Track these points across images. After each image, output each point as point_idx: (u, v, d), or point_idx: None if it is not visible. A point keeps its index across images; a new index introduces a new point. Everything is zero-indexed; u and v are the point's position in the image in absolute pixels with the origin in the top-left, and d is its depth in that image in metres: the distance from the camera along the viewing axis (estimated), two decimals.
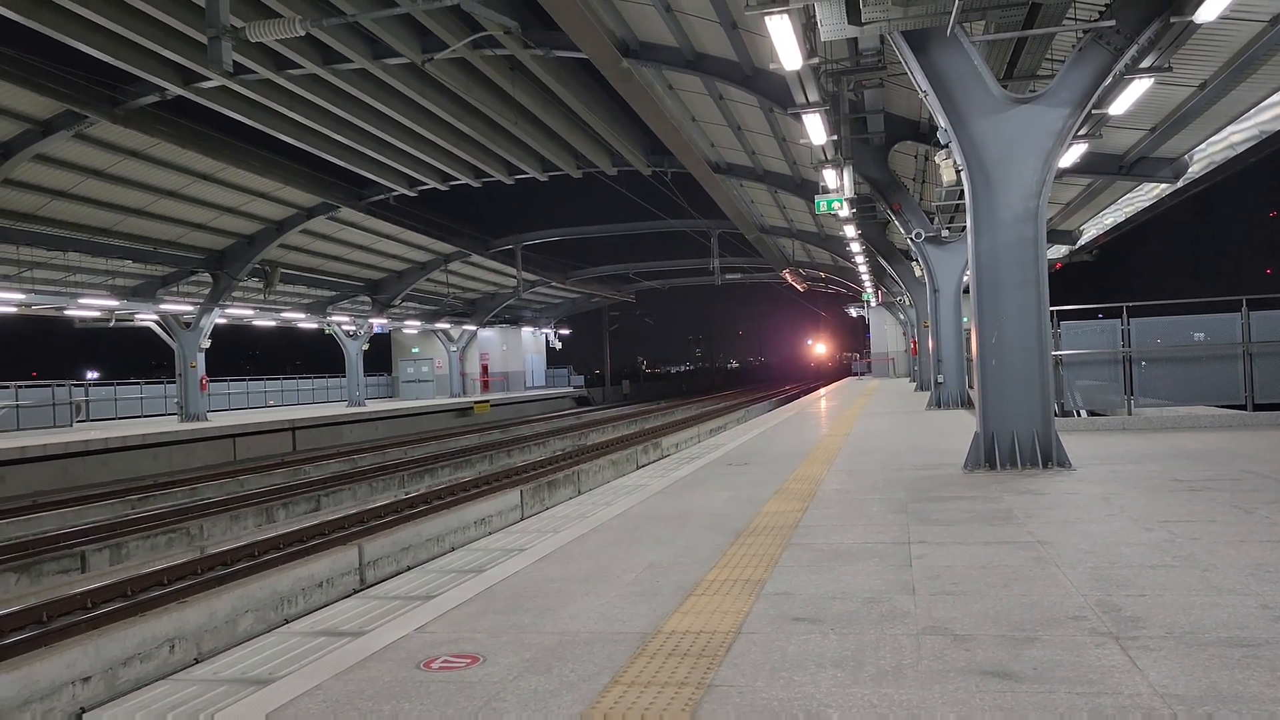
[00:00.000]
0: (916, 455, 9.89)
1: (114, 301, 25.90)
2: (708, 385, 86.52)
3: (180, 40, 16.49)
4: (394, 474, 21.18)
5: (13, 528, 15.68)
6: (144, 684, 8.69)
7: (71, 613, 10.41)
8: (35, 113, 18.80)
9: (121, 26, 15.42)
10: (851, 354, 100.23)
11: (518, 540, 6.03)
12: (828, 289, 53.03)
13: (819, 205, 15.24)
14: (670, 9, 15.26)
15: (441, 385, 46.98)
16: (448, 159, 25.91)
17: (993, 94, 8.15)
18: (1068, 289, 25.78)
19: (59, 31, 15.33)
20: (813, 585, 4.41)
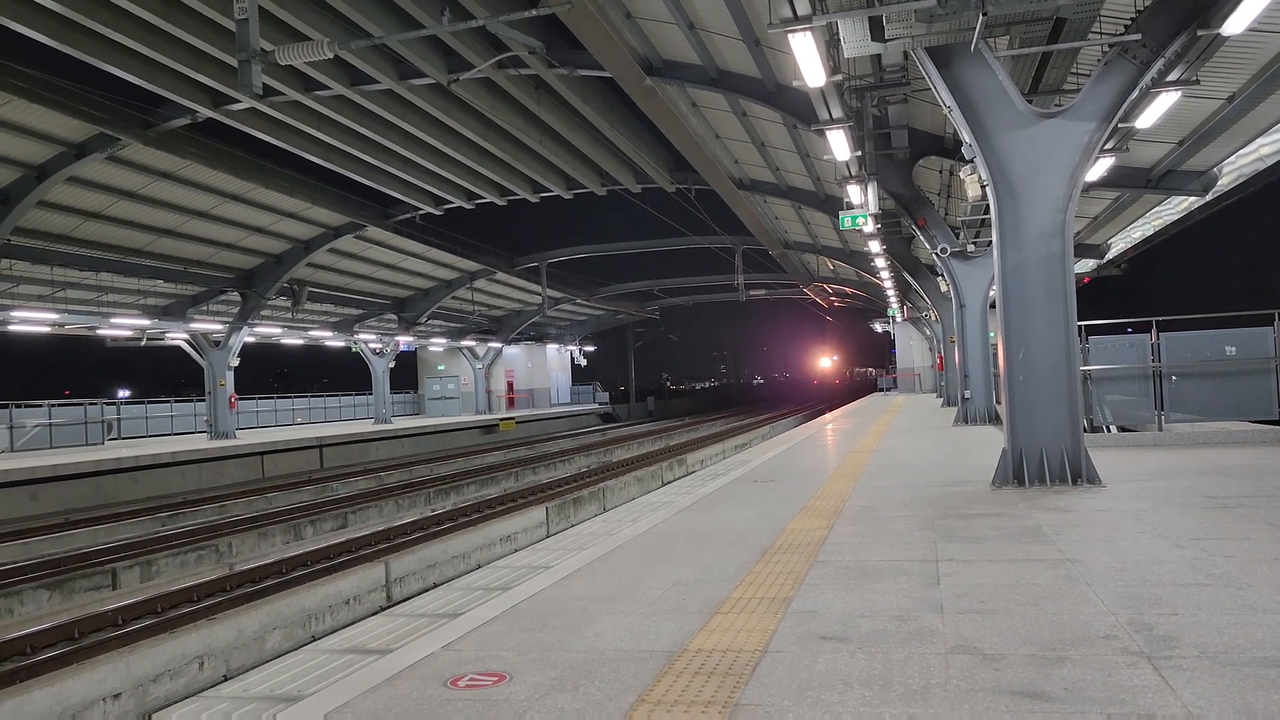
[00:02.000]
0: (943, 472, 9.81)
1: (145, 321, 26.24)
2: (732, 402, 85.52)
3: (211, 63, 16.77)
4: (420, 491, 21.26)
5: (45, 545, 15.87)
6: (173, 701, 8.78)
7: (102, 629, 10.53)
8: (69, 135, 19.14)
9: (153, 50, 15.69)
10: (877, 369, 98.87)
11: (543, 558, 6.04)
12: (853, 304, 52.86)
13: (843, 221, 15.22)
14: (694, 27, 15.33)
15: (467, 402, 47.17)
16: (473, 177, 26.11)
17: (1018, 109, 8.13)
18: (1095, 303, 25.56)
19: (92, 55, 15.63)
20: (840, 603, 4.39)
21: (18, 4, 13.91)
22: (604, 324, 58.23)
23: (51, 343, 29.42)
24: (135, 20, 14.89)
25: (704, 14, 14.89)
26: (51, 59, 16.05)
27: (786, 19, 7.08)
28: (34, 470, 20.16)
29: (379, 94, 18.98)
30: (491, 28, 10.85)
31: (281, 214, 26.07)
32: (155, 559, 13.82)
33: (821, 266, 40.12)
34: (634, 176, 27.45)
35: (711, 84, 17.23)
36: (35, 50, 15.49)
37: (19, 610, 11.72)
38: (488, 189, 27.28)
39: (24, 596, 11.80)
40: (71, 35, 15.05)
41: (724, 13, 14.28)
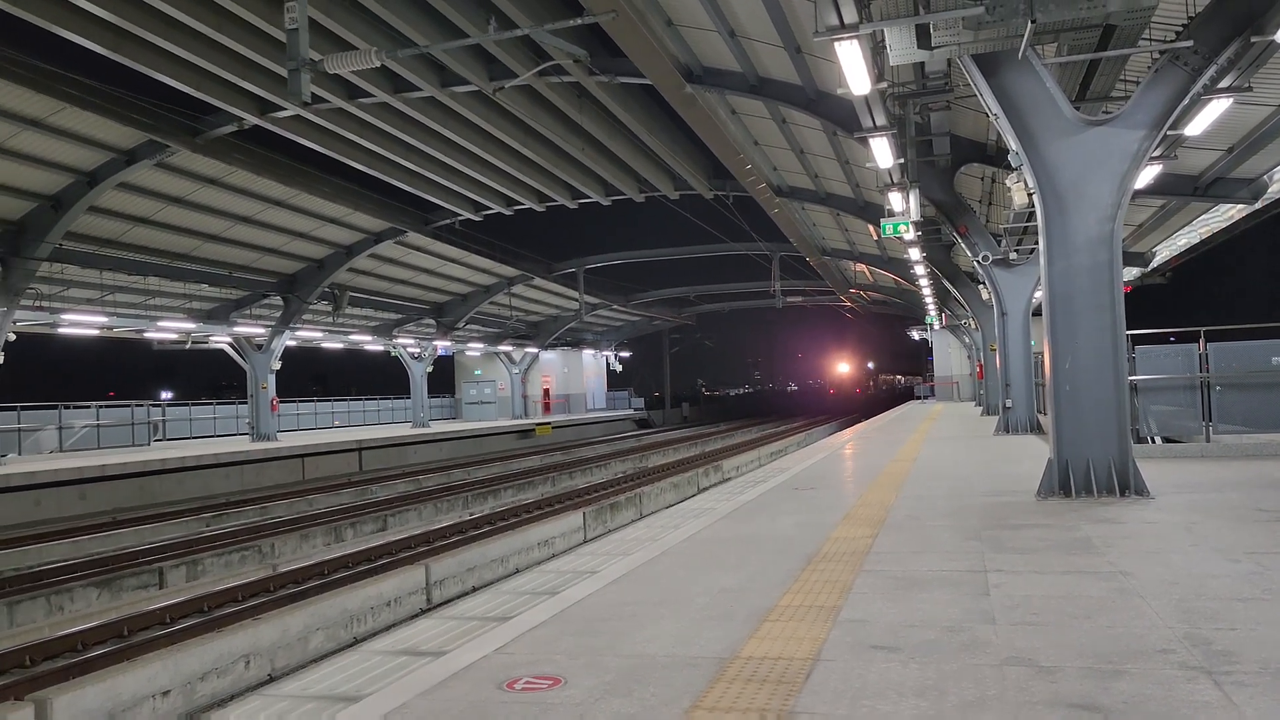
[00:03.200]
0: (987, 481, 9.74)
1: (190, 325, 26.68)
2: (766, 408, 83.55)
3: (258, 72, 17.04)
4: (458, 495, 21.42)
5: (94, 543, 16.19)
6: (220, 699, 8.92)
7: (150, 627, 10.72)
8: (119, 142, 19.52)
9: (203, 59, 15.98)
10: (911, 376, 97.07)
11: (589, 563, 6.08)
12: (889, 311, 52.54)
13: (884, 229, 15.14)
14: (735, 35, 15.35)
15: (504, 407, 47.43)
16: (512, 184, 26.30)
17: (1066, 116, 8.06)
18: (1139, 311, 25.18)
19: (144, 64, 15.95)
20: (889, 613, 4.38)
21: (73, 14, 14.23)
22: (640, 330, 58.31)
23: (97, 344, 30.02)
24: (187, 30, 15.18)
25: (745, 21, 14.91)
26: (103, 67, 16.41)
27: (833, 27, 7.08)
28: (82, 470, 20.55)
29: (421, 101, 19.19)
30: (536, 36, 10.94)
31: (324, 219, 26.41)
32: (200, 559, 14.04)
33: (859, 273, 39.92)
34: (672, 183, 27.50)
35: (751, 91, 17.23)
36: (88, 59, 15.85)
37: (69, 608, 11.96)
38: (527, 195, 27.46)
39: (74, 594, 12.04)
40: (125, 45, 15.37)
41: (765, 20, 14.28)
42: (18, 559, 14.92)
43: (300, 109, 18.02)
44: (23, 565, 14.73)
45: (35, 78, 16.38)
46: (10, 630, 10.89)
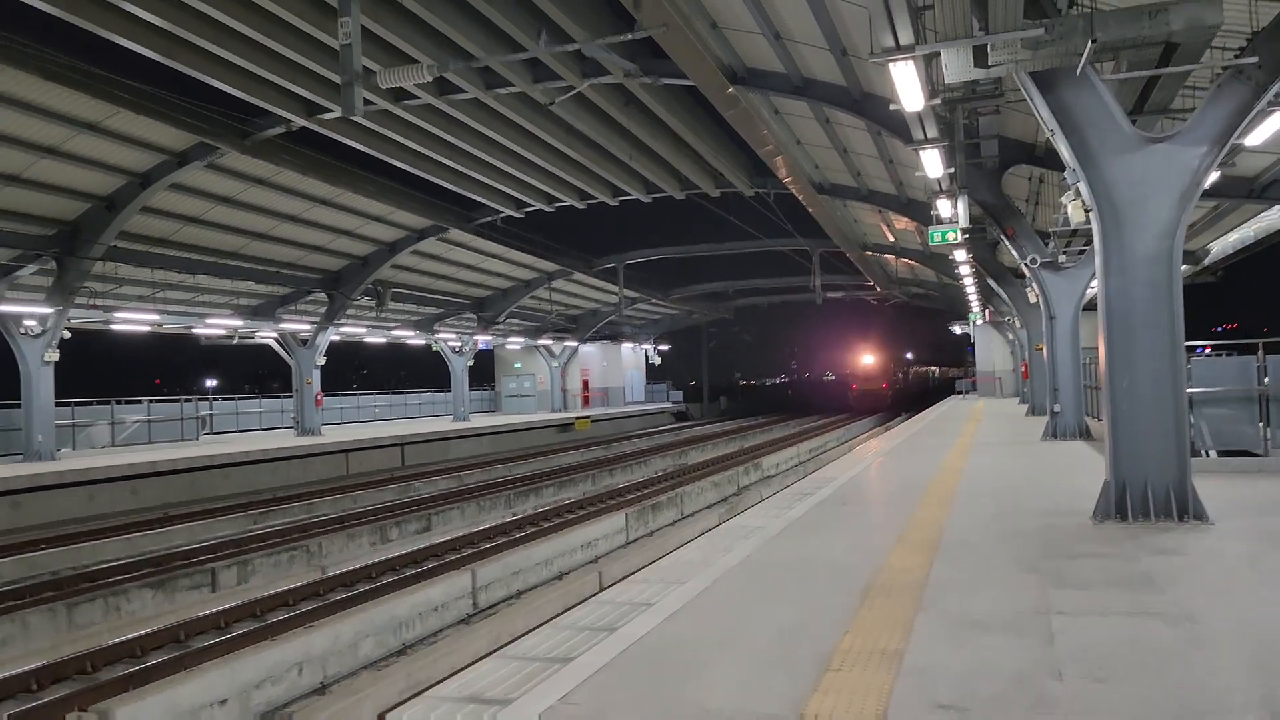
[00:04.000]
0: (1040, 498, 9.63)
1: (238, 321, 27.09)
2: (803, 400, 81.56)
3: (307, 75, 17.22)
4: (500, 493, 21.57)
5: (147, 541, 16.52)
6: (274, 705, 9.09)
7: (206, 632, 10.93)
8: (171, 145, 19.84)
9: (254, 64, 16.17)
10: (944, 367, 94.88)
11: (643, 592, 6.10)
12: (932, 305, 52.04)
13: (932, 237, 14.99)
14: (779, 37, 15.25)
15: (543, 400, 47.67)
16: (554, 182, 26.37)
17: (1124, 132, 7.92)
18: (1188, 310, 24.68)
19: (196, 69, 16.17)
20: (953, 661, 4.36)
21: (128, 21, 14.45)
22: (678, 323, 58.28)
23: (145, 338, 30.53)
24: (238, 36, 15.36)
25: (791, 24, 14.80)
26: (156, 71, 16.65)
27: (889, 48, 7.01)
28: (135, 466, 20.98)
29: (465, 102, 19.28)
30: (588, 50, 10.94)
31: (368, 218, 26.67)
32: (250, 559, 14.28)
33: (901, 269, 39.58)
34: (713, 181, 27.42)
35: (795, 92, 17.11)
36: (141, 63, 16.10)
37: (125, 608, 12.21)
38: (568, 193, 27.52)
39: (130, 595, 12.29)
40: (178, 51, 15.59)
41: (811, 24, 14.17)
42: (73, 557, 15.27)
43: None
44: (79, 564, 15.09)
45: (90, 82, 16.67)
46: (70, 634, 11.15)
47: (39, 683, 9.06)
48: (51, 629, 11.12)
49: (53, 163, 18.94)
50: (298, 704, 8.91)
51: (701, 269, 46.60)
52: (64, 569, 14.62)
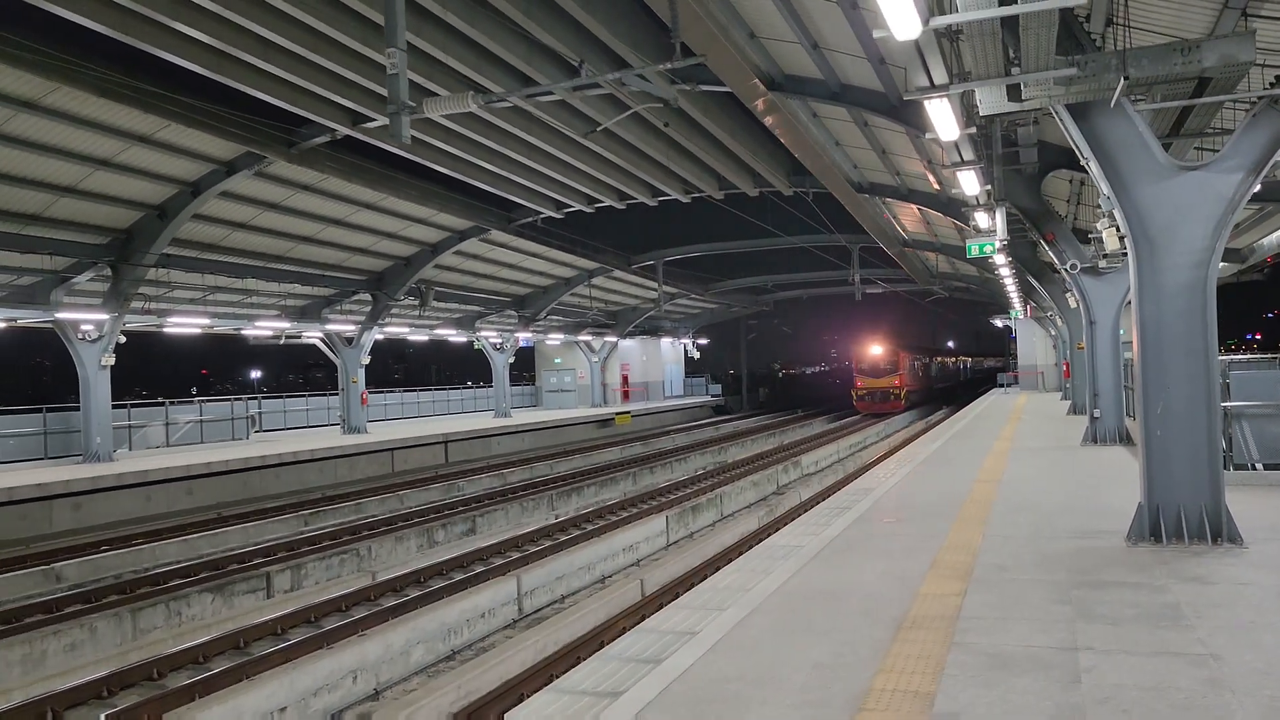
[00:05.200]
0: (1075, 516, 9.75)
1: (286, 323, 27.74)
2: (842, 391, 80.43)
3: (351, 87, 17.61)
4: (542, 493, 21.94)
5: (203, 542, 17.10)
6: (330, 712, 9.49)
7: (263, 638, 11.39)
8: (221, 155, 20.39)
9: (300, 77, 16.59)
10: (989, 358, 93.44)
11: (685, 619, 6.36)
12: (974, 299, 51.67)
13: (970, 249, 15.05)
14: (817, 46, 15.37)
15: (583, 395, 48.11)
16: (593, 183, 26.63)
17: (1158, 161, 8.01)
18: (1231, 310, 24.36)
19: (244, 83, 16.61)
20: (981, 704, 4.57)
21: (179, 39, 14.90)
22: (717, 317, 58.41)
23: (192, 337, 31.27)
24: (285, 52, 15.77)
25: (828, 34, 14.91)
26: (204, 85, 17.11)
27: (923, 88, 7.17)
28: (189, 467, 21.63)
29: (505, 108, 19.58)
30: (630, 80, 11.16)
31: (411, 220, 27.16)
32: (303, 563, 14.75)
33: (941, 264, 39.38)
34: (752, 181, 27.52)
35: (833, 98, 17.21)
36: (191, 78, 16.58)
37: (186, 613, 12.73)
38: (607, 194, 27.78)
39: (190, 600, 12.80)
40: (227, 66, 16.03)
41: (848, 33, 14.26)
42: (134, 559, 15.88)
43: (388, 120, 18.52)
44: (140, 566, 15.69)
45: (144, 98, 17.20)
46: (136, 639, 11.66)
47: (110, 689, 9.55)
48: (118, 634, 11.64)
49: (108, 174, 19.56)
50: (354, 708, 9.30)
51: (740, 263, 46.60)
52: (126, 571, 15.23)
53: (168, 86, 17.56)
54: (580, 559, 14.56)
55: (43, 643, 10.81)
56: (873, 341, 48.87)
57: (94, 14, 13.34)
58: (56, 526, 18.70)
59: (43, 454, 24.20)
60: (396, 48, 9.71)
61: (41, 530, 18.43)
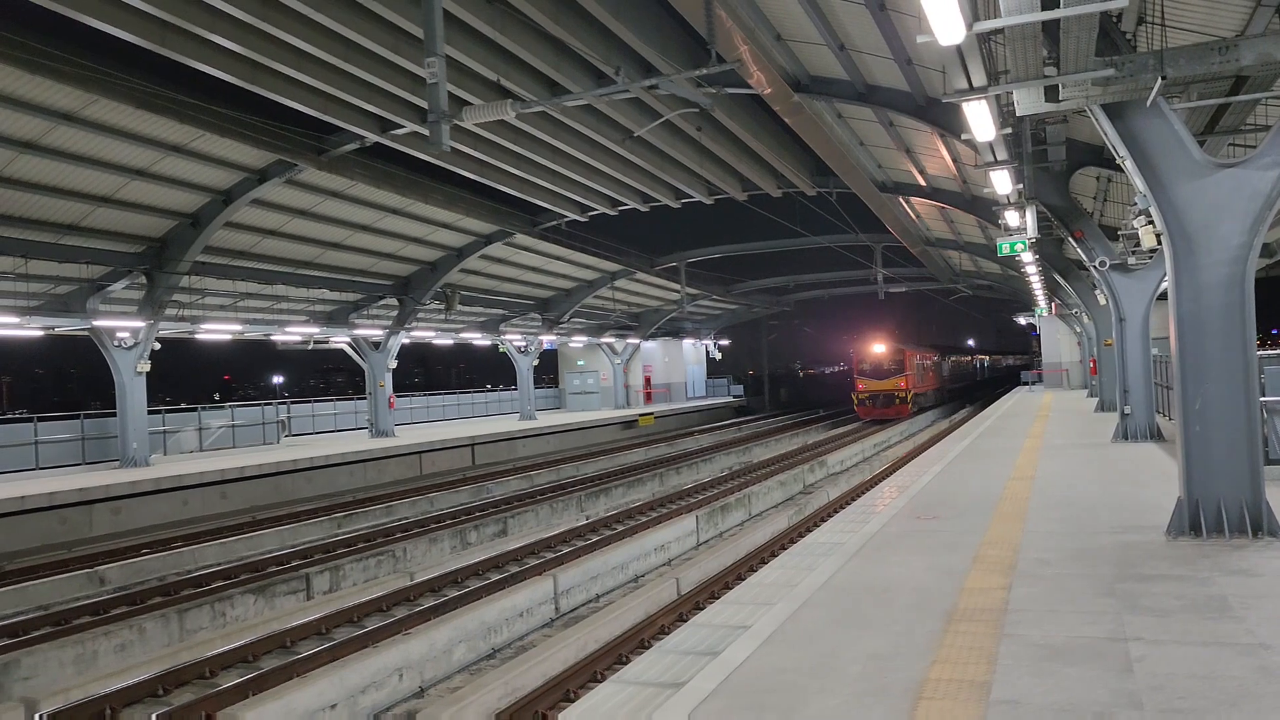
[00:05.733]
0: (1113, 512, 9.82)
1: (315, 328, 28.07)
2: None
3: (379, 94, 17.84)
4: (571, 494, 22.11)
5: (240, 545, 17.36)
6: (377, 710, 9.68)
7: (308, 638, 11.60)
8: (252, 163, 20.68)
9: (330, 86, 16.82)
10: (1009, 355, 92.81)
11: (735, 614, 6.50)
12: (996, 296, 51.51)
13: (1000, 248, 15.10)
14: (844, 48, 15.47)
15: (606, 397, 48.31)
16: (617, 186, 26.80)
17: (1195, 159, 8.08)
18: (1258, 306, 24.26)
19: (276, 93, 16.85)
20: (1037, 692, 4.69)
21: (213, 51, 15.16)
22: (739, 317, 58.50)
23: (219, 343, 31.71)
24: (316, 60, 16.01)
25: (855, 36, 15.02)
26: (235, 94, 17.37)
27: (962, 90, 7.28)
28: (224, 472, 21.93)
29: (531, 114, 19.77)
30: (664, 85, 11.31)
31: (437, 225, 27.43)
32: (341, 565, 14.97)
33: (964, 262, 39.33)
34: (775, 181, 27.62)
35: (859, 99, 17.30)
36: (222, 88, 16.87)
37: (230, 613, 12.96)
38: (631, 196, 27.95)
39: (234, 601, 13.03)
40: (260, 76, 16.28)
41: (875, 34, 14.37)
42: (176, 561, 16.15)
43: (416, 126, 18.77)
44: (181, 568, 15.96)
45: (178, 108, 17.48)
46: (183, 639, 11.90)
47: (164, 688, 9.78)
48: (166, 635, 11.88)
49: (143, 184, 19.88)
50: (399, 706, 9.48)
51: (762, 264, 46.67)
52: (169, 574, 15.51)
53: (202, 97, 17.85)
54: (614, 559, 14.70)
55: (94, 643, 11.04)
56: (874, 339, 43.80)
57: (135, 28, 13.62)
58: (96, 531, 19.03)
59: (81, 459, 24.59)
60: (436, 56, 9.88)
61: (82, 534, 18.77)
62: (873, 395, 42.68)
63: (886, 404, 42.21)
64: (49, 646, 10.48)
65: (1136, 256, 16.81)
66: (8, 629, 11.94)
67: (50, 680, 10.19)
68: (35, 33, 14.71)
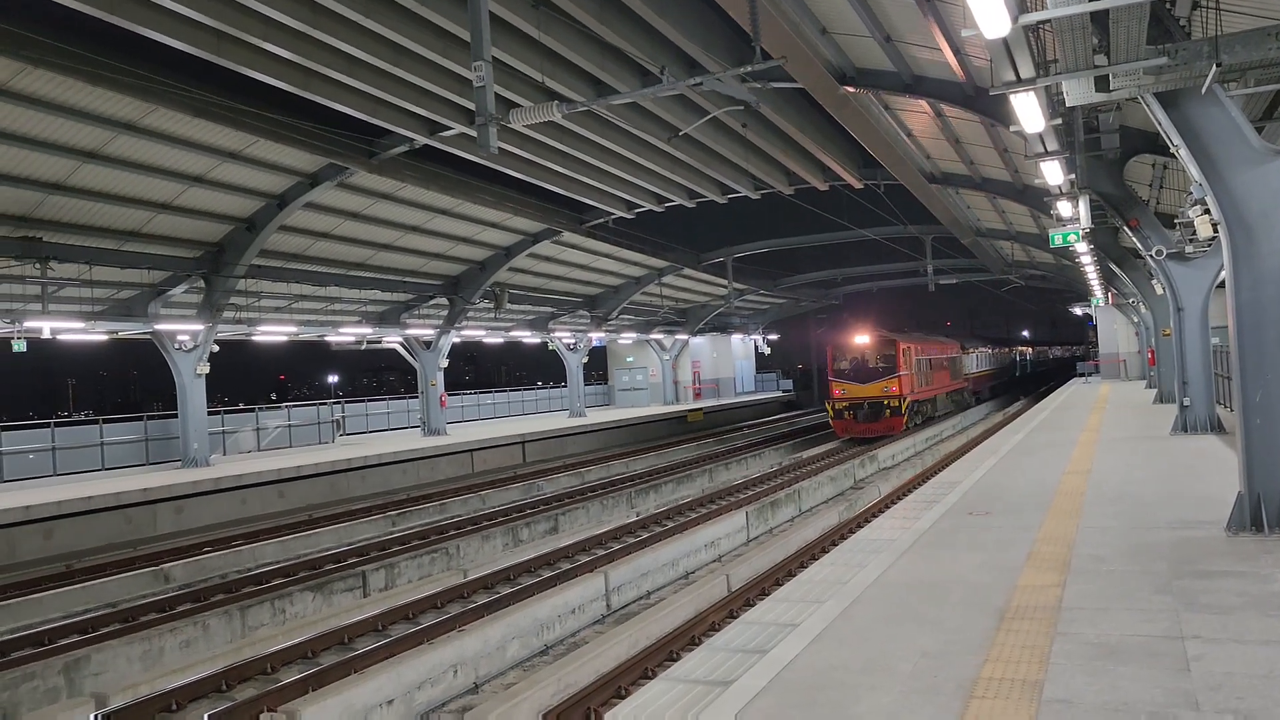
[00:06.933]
0: (1171, 506, 9.65)
1: (367, 329, 28.53)
2: None
3: (428, 97, 18.05)
4: (622, 491, 22.21)
5: (298, 543, 17.72)
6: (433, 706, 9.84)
7: (365, 634, 11.82)
8: (305, 167, 21.07)
9: (379, 89, 17.05)
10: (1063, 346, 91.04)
11: (785, 612, 6.52)
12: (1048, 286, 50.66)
13: (1053, 239, 14.87)
14: (890, 39, 15.36)
15: (655, 393, 48.41)
16: (663, 183, 26.83)
17: (1253, 147, 7.91)
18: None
19: (328, 98, 17.14)
20: (1091, 692, 4.65)
21: (268, 59, 15.46)
22: (787, 312, 58.23)
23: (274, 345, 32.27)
24: (366, 66, 16.24)
25: (901, 27, 14.91)
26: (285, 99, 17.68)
27: (1009, 82, 7.21)
28: (281, 471, 22.39)
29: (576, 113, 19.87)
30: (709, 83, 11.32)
31: (485, 224, 27.70)
32: (396, 562, 15.22)
33: (1016, 252, 38.74)
34: (821, 175, 27.44)
35: (906, 90, 17.15)
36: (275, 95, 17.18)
37: (290, 610, 13.25)
38: (677, 193, 27.96)
39: (293, 598, 13.32)
40: (312, 82, 16.57)
41: (922, 25, 14.23)
42: (236, 559, 16.54)
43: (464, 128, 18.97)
44: (241, 566, 16.34)
45: (233, 115, 17.87)
46: (245, 636, 12.20)
47: (228, 683, 10.04)
48: (228, 631, 12.19)
49: (200, 190, 20.35)
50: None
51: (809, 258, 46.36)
52: (230, 571, 15.89)
53: (255, 104, 18.21)
54: (664, 555, 14.76)
55: (160, 640, 11.37)
56: (855, 328, 32.83)
57: (192, 38, 13.95)
58: (160, 529, 19.55)
59: (144, 460, 25.25)
60: (483, 60, 10.00)
61: (146, 533, 19.28)
62: (853, 405, 31.30)
63: (872, 416, 31.04)
64: (118, 643, 10.81)
65: (1194, 245, 16.43)
66: (78, 626, 12.31)
67: (119, 676, 10.50)
68: (96, 45, 15.12)
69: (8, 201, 18.04)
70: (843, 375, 31.90)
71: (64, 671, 10.14)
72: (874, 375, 31.32)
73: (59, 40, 14.54)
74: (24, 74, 14.88)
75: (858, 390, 31.43)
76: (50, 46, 14.34)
